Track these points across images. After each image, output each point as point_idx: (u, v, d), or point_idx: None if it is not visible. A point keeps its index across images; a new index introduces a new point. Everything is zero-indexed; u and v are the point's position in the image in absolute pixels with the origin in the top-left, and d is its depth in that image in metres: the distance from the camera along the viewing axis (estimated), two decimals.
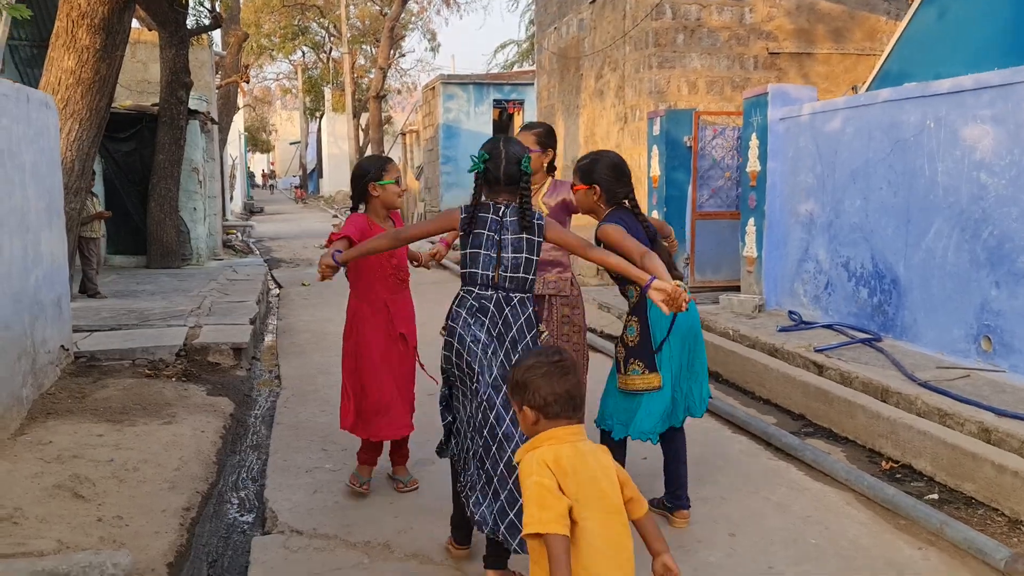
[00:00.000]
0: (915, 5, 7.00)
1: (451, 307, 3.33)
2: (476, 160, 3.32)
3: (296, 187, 50.64)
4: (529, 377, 2.19)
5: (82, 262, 8.66)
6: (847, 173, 6.55)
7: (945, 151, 5.58)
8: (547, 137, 4.21)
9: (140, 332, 6.80)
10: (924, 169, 5.76)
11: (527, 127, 4.27)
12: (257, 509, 3.98)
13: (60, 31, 7.24)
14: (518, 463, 2.16)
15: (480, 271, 3.25)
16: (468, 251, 3.28)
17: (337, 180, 42.33)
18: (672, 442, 3.76)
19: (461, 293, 3.32)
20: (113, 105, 11.26)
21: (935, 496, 3.93)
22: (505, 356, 3.18)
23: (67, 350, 5.89)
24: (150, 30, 12.74)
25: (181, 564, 3.37)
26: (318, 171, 51.06)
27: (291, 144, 61.78)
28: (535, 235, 3.28)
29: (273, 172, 66.79)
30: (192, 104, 11.74)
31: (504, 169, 3.27)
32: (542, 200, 4.17)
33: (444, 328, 3.28)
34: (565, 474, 2.00)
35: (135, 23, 14.77)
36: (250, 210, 32.95)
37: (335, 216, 28.30)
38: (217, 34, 19.70)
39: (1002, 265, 5.13)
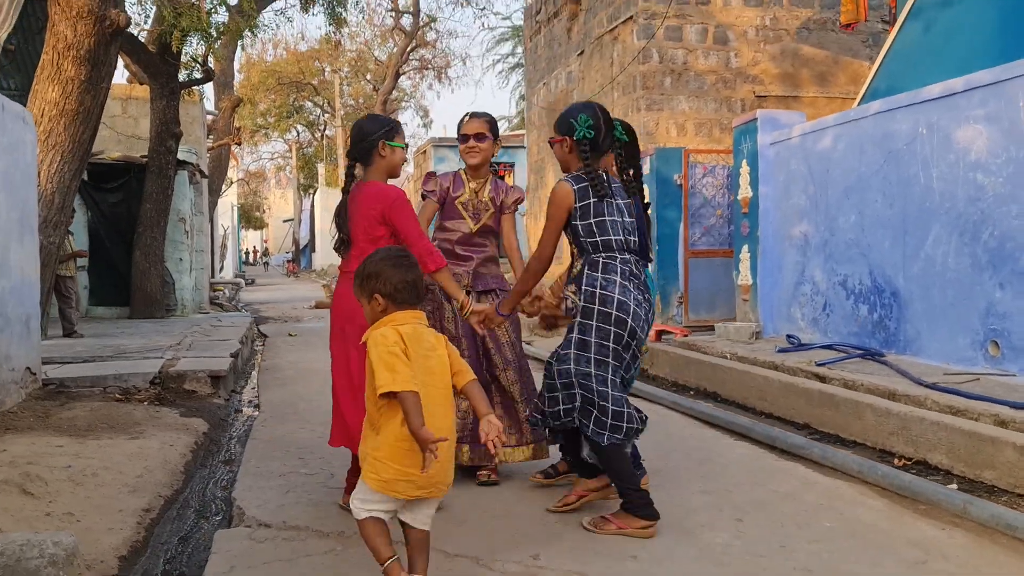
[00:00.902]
0: (900, 20, 7.02)
1: (588, 272, 3.25)
2: (583, 126, 3.30)
3: (288, 261, 50.69)
4: (381, 268, 2.52)
5: (60, 300, 8.43)
6: (840, 190, 6.44)
7: (939, 156, 5.47)
8: (496, 127, 4.15)
9: (114, 363, 6.54)
10: (919, 177, 5.65)
11: (475, 115, 4.11)
12: (224, 512, 3.68)
13: (45, 63, 7.19)
14: (364, 341, 2.50)
15: (613, 237, 3.26)
16: (593, 220, 3.25)
17: (329, 254, 42.36)
18: None
19: (601, 260, 3.25)
20: (101, 155, 11.25)
21: (954, 486, 3.66)
22: (650, 318, 3.34)
23: (34, 374, 5.62)
24: (141, 84, 12.80)
25: (135, 559, 3.08)
26: (311, 246, 51.21)
27: (284, 222, 62.12)
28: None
29: (267, 250, 66.96)
30: (181, 155, 11.69)
31: (605, 135, 3.33)
32: (488, 196, 4.08)
33: (591, 298, 3.23)
34: (409, 347, 2.43)
35: (125, 79, 14.91)
36: (242, 279, 32.78)
37: (325, 285, 28.15)
38: (210, 95, 19.91)
39: (1005, 265, 4.96)
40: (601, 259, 3.25)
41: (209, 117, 17.72)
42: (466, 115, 4.14)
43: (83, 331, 8.84)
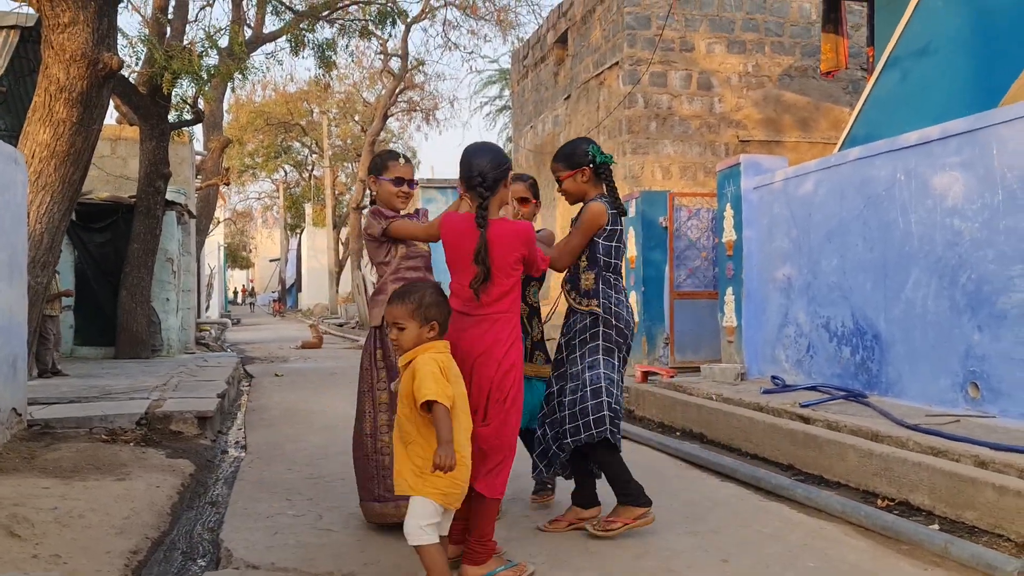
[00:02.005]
0: (878, 69, 7.23)
1: (604, 288, 3.61)
2: (599, 152, 3.69)
3: (275, 301, 50.54)
4: (440, 300, 3.00)
5: (37, 340, 8.39)
6: (822, 234, 6.57)
7: (917, 202, 5.61)
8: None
9: (100, 404, 6.52)
10: (898, 222, 5.78)
11: (408, 160, 4.00)
12: (212, 554, 3.67)
13: (37, 105, 7.24)
14: (407, 362, 2.91)
15: (617, 259, 3.66)
16: (614, 242, 3.62)
17: (315, 293, 42.37)
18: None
19: (611, 278, 3.65)
20: (90, 195, 11.29)
21: (936, 527, 3.71)
22: None
23: (20, 415, 5.59)
24: (131, 125, 12.90)
25: None
26: (297, 286, 51.13)
27: (271, 261, 62.10)
28: None
29: (253, 289, 66.75)
30: (170, 196, 11.76)
31: (609, 164, 3.74)
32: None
33: (608, 311, 3.61)
34: (446, 373, 2.86)
35: (114, 120, 15.00)
36: (228, 319, 32.62)
37: (312, 325, 28.11)
38: (199, 135, 20.04)
39: (983, 308, 5.06)
40: (611, 277, 3.65)
41: (198, 157, 17.82)
42: (400, 156, 3.94)
43: (68, 371, 8.81)
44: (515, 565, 3.12)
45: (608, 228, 3.59)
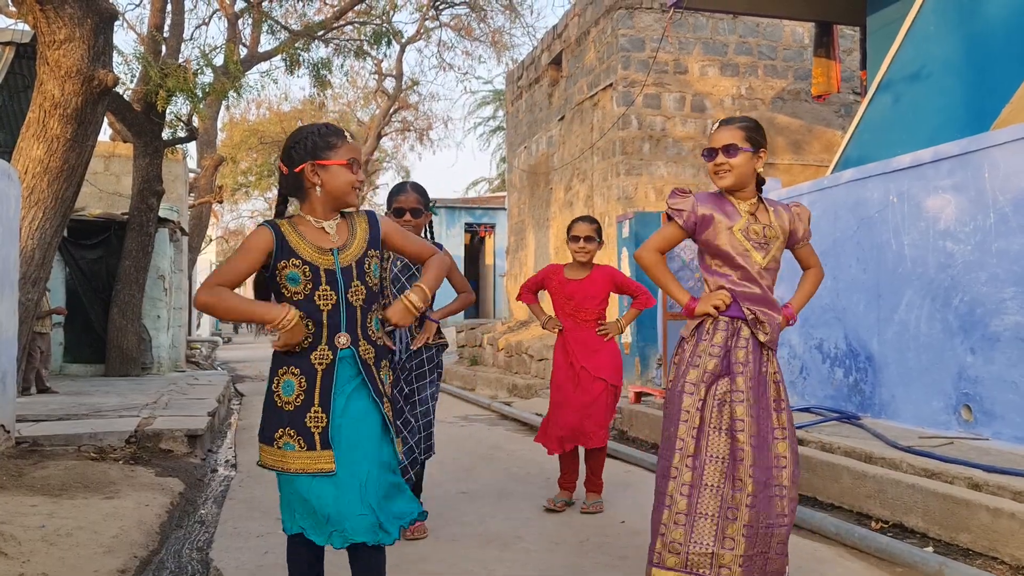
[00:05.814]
0: (871, 92, 7.28)
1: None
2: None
3: None
4: None
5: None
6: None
7: (910, 223, 5.63)
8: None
9: (89, 421, 6.47)
10: (891, 243, 5.80)
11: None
12: (201, 573, 3.63)
13: (31, 121, 7.24)
14: None
15: None
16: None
17: None
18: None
19: None
20: (82, 212, 11.27)
21: (930, 549, 3.70)
22: None
23: (8, 432, 5.55)
24: (125, 142, 12.91)
25: None
26: None
27: None
28: None
29: None
30: (162, 213, 11.75)
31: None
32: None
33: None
34: None
35: (108, 137, 15.00)
36: (219, 337, 32.49)
37: None
38: (193, 153, 20.05)
39: (975, 331, 5.07)
40: None
41: (191, 175, 17.82)
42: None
43: (57, 388, 8.75)
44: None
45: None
